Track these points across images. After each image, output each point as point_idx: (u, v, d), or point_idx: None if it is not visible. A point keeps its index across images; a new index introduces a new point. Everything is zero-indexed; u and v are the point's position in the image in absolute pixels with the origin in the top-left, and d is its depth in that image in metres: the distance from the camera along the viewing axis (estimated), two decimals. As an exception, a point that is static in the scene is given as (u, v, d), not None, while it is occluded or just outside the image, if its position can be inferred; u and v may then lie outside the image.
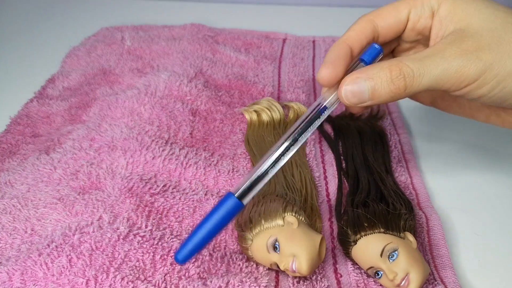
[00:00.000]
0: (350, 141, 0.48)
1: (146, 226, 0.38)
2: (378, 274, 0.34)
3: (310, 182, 0.44)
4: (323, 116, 0.33)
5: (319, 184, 0.44)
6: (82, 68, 0.63)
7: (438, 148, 0.49)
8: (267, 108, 0.52)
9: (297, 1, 0.86)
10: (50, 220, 0.39)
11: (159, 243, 0.37)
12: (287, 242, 0.34)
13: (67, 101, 0.56)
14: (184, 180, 0.44)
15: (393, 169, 0.45)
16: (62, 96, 0.58)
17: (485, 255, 0.38)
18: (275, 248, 0.34)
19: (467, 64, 0.31)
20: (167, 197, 0.42)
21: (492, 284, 0.35)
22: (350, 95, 0.32)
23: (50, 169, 0.44)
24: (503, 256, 0.38)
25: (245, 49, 0.67)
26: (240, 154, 0.48)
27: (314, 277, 0.35)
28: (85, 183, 0.43)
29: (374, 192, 0.40)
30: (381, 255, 0.33)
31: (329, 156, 0.48)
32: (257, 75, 0.61)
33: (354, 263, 0.36)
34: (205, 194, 0.42)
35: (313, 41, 0.71)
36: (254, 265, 0.36)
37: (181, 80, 0.55)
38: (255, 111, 0.52)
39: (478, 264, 0.37)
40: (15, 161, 0.47)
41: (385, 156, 0.46)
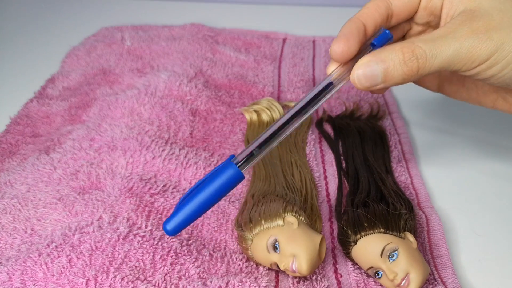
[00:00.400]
0: (350, 141, 0.48)
1: (146, 226, 0.38)
2: (378, 274, 0.34)
3: (310, 182, 0.44)
4: (330, 92, 0.33)
5: (319, 184, 0.44)
6: (82, 68, 0.63)
7: (438, 148, 0.49)
8: (267, 108, 0.52)
9: (297, 1, 0.86)
10: (50, 220, 0.39)
11: (159, 243, 0.37)
12: (287, 242, 0.34)
13: (67, 101, 0.56)
14: (184, 180, 0.44)
15: (393, 169, 0.45)
16: (62, 96, 0.58)
17: (485, 255, 0.38)
18: (275, 248, 0.34)
19: (478, 44, 0.31)
20: (167, 197, 0.42)
21: (492, 284, 0.35)
22: (363, 79, 0.32)
23: (50, 169, 0.44)
24: (503, 256, 0.38)
25: (245, 49, 0.67)
26: (240, 154, 0.48)
27: (314, 277, 0.35)
28: (85, 183, 0.43)
29: (374, 192, 0.40)
30: (381, 255, 0.33)
31: (329, 156, 0.48)
32: (257, 75, 0.61)
33: (354, 263, 0.36)
34: (205, 194, 0.42)
35: (313, 41, 0.71)
36: (254, 265, 0.36)
37: (181, 80, 0.55)
38: (255, 111, 0.52)
39: (478, 264, 0.37)
40: (15, 161, 0.47)
41: (385, 156, 0.46)
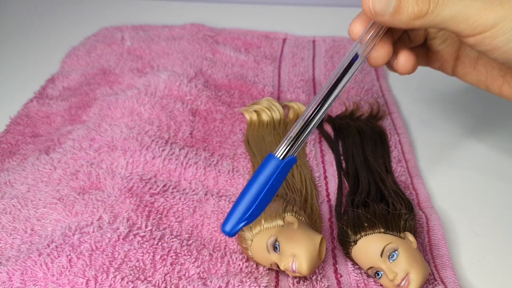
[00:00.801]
0: (350, 141, 0.48)
1: (146, 226, 0.38)
2: (378, 274, 0.34)
3: (310, 182, 0.44)
4: (356, 65, 0.33)
5: (319, 184, 0.44)
6: (82, 68, 0.63)
7: (438, 148, 0.49)
8: (267, 108, 0.52)
9: (297, 1, 0.86)
10: (50, 220, 0.39)
11: (159, 243, 0.37)
12: (287, 242, 0.34)
13: (67, 101, 0.56)
14: (184, 180, 0.44)
15: (393, 169, 0.45)
16: (62, 96, 0.58)
17: (485, 255, 0.38)
18: (275, 248, 0.34)
19: (489, 7, 0.31)
20: (167, 197, 0.42)
21: (492, 284, 0.35)
22: (377, 0, 0.32)
23: (50, 169, 0.44)
24: (503, 256, 0.38)
25: (245, 49, 0.67)
26: (240, 154, 0.48)
27: (314, 277, 0.35)
28: (85, 183, 0.43)
29: (374, 192, 0.40)
30: (381, 255, 0.33)
31: (329, 156, 0.48)
32: (257, 75, 0.61)
33: (354, 263, 0.36)
34: (205, 194, 0.42)
35: (313, 41, 0.71)
36: (254, 265, 0.36)
37: (181, 80, 0.55)
38: (255, 111, 0.52)
39: (478, 264, 0.37)
40: (15, 161, 0.47)
41: (385, 156, 0.46)
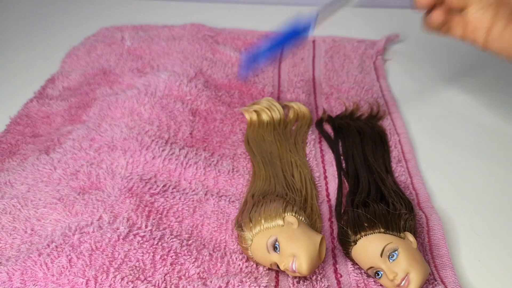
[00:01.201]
0: (350, 141, 0.48)
1: (146, 226, 0.38)
2: (378, 274, 0.34)
3: (310, 182, 0.43)
4: None
5: (319, 184, 0.44)
6: (82, 68, 0.63)
7: (438, 148, 0.49)
8: (267, 108, 0.52)
9: (297, 1, 0.86)
10: (50, 220, 0.39)
11: (159, 243, 0.37)
12: (287, 242, 0.34)
13: (67, 101, 0.56)
14: (184, 180, 0.44)
15: (393, 169, 0.45)
16: (62, 96, 0.58)
17: (485, 255, 0.38)
18: (275, 248, 0.34)
19: None
20: (167, 197, 0.42)
21: (492, 284, 0.35)
22: None
23: (50, 169, 0.44)
24: (503, 256, 0.38)
25: (245, 49, 0.67)
26: (240, 154, 0.48)
27: (314, 277, 0.35)
28: (85, 183, 0.43)
29: (374, 192, 0.40)
30: (381, 255, 0.33)
31: (329, 156, 0.48)
32: (257, 75, 0.61)
33: (354, 263, 0.36)
34: (205, 194, 0.42)
35: (313, 41, 0.71)
36: (254, 265, 0.36)
37: (181, 80, 0.55)
38: (255, 111, 0.52)
39: (478, 264, 0.37)
40: (15, 161, 0.47)
41: (385, 156, 0.46)
